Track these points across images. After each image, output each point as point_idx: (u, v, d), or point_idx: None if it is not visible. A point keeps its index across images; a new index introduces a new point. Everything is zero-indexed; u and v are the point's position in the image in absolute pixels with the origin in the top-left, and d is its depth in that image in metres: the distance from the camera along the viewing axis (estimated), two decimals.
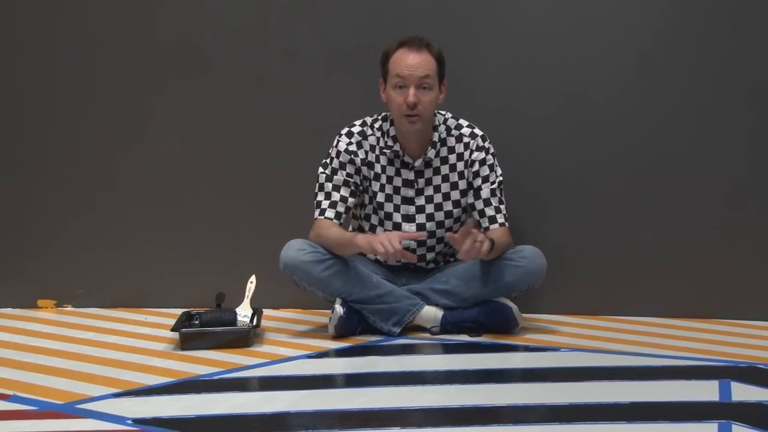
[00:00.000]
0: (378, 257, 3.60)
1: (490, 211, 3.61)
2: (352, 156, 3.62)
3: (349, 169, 3.62)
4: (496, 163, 3.65)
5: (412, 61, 3.52)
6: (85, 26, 3.99)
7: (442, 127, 3.64)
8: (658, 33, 3.80)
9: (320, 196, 3.61)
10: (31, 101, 4.02)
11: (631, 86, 3.82)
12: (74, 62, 3.99)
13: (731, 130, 3.78)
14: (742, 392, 2.83)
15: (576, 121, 3.85)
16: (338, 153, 3.62)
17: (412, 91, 3.51)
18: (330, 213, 3.57)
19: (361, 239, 3.50)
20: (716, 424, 2.54)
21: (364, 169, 3.63)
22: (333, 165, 3.61)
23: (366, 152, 3.64)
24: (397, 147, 3.61)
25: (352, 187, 3.61)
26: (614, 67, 3.82)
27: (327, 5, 3.92)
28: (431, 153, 3.61)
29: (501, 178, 3.64)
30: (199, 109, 3.99)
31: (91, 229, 4.03)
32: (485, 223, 3.61)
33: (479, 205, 3.62)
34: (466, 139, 3.64)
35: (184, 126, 4.01)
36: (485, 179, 3.63)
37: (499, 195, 3.63)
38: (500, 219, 3.62)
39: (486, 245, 3.39)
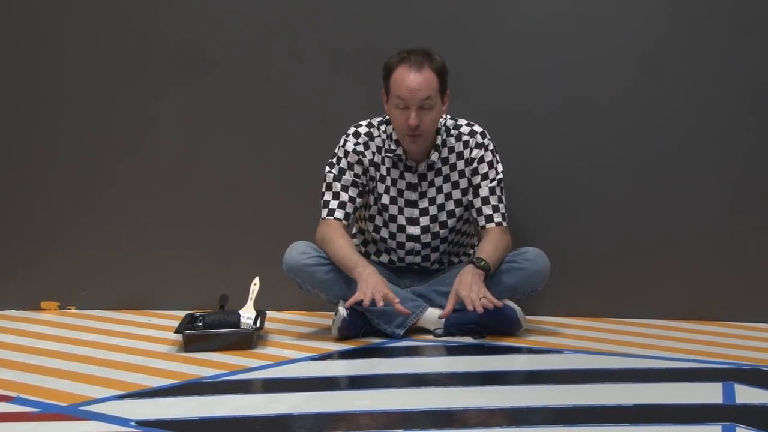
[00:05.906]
0: (381, 260, 3.64)
1: (487, 210, 3.60)
2: (360, 156, 3.61)
3: (357, 169, 3.61)
4: (496, 159, 3.63)
5: (412, 83, 3.45)
6: (88, 28, 3.99)
7: (443, 129, 3.63)
8: (661, 34, 3.80)
9: (328, 196, 3.60)
10: (34, 103, 4.03)
11: (634, 88, 3.82)
12: (77, 64, 4.00)
13: (734, 132, 3.78)
14: (746, 394, 2.83)
15: (579, 123, 3.85)
16: (346, 153, 3.61)
17: (413, 114, 3.46)
18: (339, 213, 3.56)
19: (358, 273, 3.45)
20: (720, 427, 2.53)
21: (371, 170, 3.63)
22: (341, 165, 3.60)
23: (373, 153, 3.63)
24: (400, 151, 3.60)
25: (360, 188, 3.61)
26: (617, 69, 3.82)
27: (331, 6, 3.93)
28: (434, 156, 3.61)
29: (501, 176, 3.62)
30: (202, 110, 4.00)
31: (94, 230, 4.03)
32: (482, 221, 3.61)
33: (477, 203, 3.61)
34: (465, 138, 3.63)
35: (187, 128, 4.01)
36: (484, 176, 3.61)
37: (498, 193, 3.61)
38: (497, 218, 3.60)
39: (483, 302, 3.39)
